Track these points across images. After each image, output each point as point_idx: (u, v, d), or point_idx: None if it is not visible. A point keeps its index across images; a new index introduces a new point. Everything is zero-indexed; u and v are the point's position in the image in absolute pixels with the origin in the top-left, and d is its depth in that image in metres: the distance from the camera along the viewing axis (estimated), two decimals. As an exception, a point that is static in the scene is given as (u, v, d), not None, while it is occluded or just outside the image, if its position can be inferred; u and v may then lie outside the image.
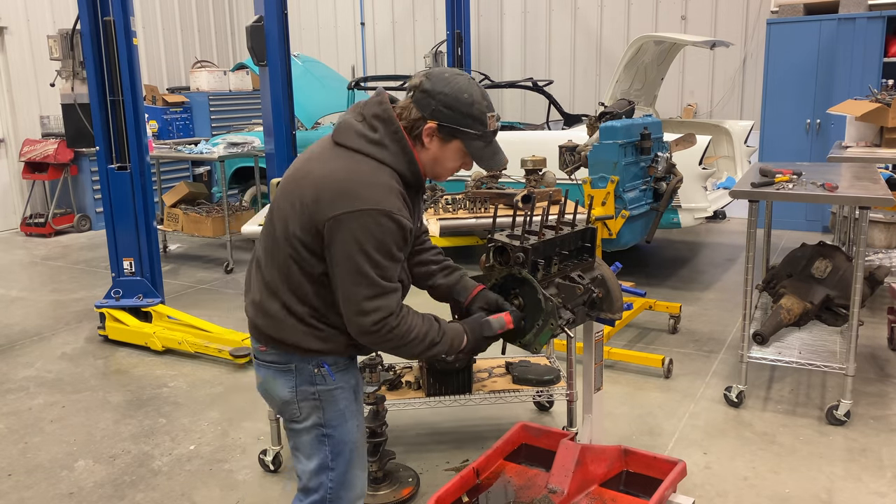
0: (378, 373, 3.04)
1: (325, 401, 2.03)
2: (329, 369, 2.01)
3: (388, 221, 1.83)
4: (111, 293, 4.97)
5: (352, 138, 1.93)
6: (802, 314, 3.89)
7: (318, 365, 2.00)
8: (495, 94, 9.56)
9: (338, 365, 2.04)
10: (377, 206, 1.82)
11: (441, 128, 1.92)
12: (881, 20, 6.65)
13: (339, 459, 2.07)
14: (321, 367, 2.00)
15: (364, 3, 10.71)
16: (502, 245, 2.25)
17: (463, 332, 2.08)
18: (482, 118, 1.94)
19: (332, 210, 1.83)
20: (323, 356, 2.01)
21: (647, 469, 2.68)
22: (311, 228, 1.87)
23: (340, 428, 2.06)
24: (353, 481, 2.11)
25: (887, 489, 3.07)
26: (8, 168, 8.79)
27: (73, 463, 3.47)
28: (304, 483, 2.11)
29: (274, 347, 2.02)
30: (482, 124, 1.94)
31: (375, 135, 1.91)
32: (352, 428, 2.08)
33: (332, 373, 2.02)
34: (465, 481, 2.59)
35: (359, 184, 1.85)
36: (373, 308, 1.86)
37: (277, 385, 2.05)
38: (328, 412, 2.04)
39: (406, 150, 1.93)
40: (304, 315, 1.96)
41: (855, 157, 4.84)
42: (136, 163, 4.80)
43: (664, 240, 7.40)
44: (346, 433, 2.07)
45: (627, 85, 6.78)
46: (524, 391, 3.40)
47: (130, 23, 4.67)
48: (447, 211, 4.20)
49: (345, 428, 2.06)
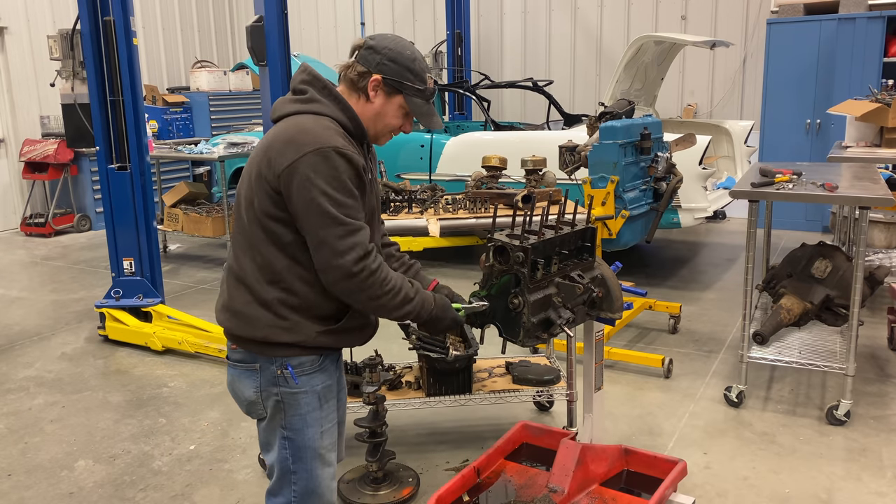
0: (378, 373, 3.04)
1: (287, 403, 2.03)
2: (292, 372, 2.01)
3: (337, 157, 1.88)
4: (111, 293, 4.97)
5: (285, 107, 2.02)
6: (802, 314, 3.89)
7: (282, 367, 2.01)
8: (495, 94, 9.56)
9: (304, 367, 2.03)
10: (323, 145, 1.88)
11: (386, 81, 2.00)
12: (881, 20, 6.65)
13: (300, 464, 2.07)
14: (285, 368, 2.01)
15: (364, 3, 10.71)
16: (502, 245, 2.25)
17: (433, 299, 2.11)
18: (422, 75, 2.04)
19: (282, 163, 1.89)
20: (290, 354, 2.00)
21: (648, 468, 2.68)
22: (270, 193, 1.92)
23: (301, 433, 2.05)
24: (317, 485, 2.10)
25: (887, 489, 3.07)
26: (8, 168, 8.79)
27: (73, 463, 3.47)
28: (270, 486, 2.13)
29: (242, 346, 2.03)
30: (423, 81, 2.04)
31: (305, 96, 2.00)
32: (313, 435, 2.06)
33: (296, 376, 2.01)
34: (465, 480, 2.59)
35: (300, 132, 1.92)
36: (348, 246, 1.88)
37: (243, 385, 2.06)
38: (289, 415, 2.04)
39: (339, 100, 2.00)
40: (273, 302, 1.96)
41: (855, 157, 4.84)
42: (136, 163, 4.80)
43: (664, 240, 7.40)
44: (307, 439, 2.06)
45: (627, 85, 6.79)
46: (524, 391, 3.40)
47: (130, 23, 4.67)
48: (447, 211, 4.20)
49: (305, 434, 2.05)
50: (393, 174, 6.42)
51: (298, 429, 2.05)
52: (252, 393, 2.05)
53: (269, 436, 2.08)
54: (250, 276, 1.98)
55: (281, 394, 2.02)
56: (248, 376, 2.04)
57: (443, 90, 8.11)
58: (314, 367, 2.05)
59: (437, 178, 6.36)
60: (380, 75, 1.99)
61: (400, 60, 2.00)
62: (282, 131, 1.95)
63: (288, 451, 2.06)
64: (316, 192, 1.86)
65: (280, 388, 2.02)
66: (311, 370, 2.04)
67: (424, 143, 6.48)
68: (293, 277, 1.96)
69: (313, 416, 2.06)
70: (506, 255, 2.25)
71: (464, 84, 8.01)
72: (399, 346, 3.38)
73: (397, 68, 2.00)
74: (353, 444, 3.25)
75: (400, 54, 2.00)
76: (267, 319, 1.97)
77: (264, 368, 2.02)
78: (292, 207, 1.90)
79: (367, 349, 2.58)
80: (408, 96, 2.03)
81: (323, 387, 2.08)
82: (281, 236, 1.94)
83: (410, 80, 2.01)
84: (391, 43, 2.01)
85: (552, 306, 2.29)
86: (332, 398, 2.14)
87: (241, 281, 2.01)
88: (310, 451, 2.07)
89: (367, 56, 2.01)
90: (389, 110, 2.05)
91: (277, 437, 2.06)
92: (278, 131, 1.97)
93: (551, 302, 2.29)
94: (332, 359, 2.13)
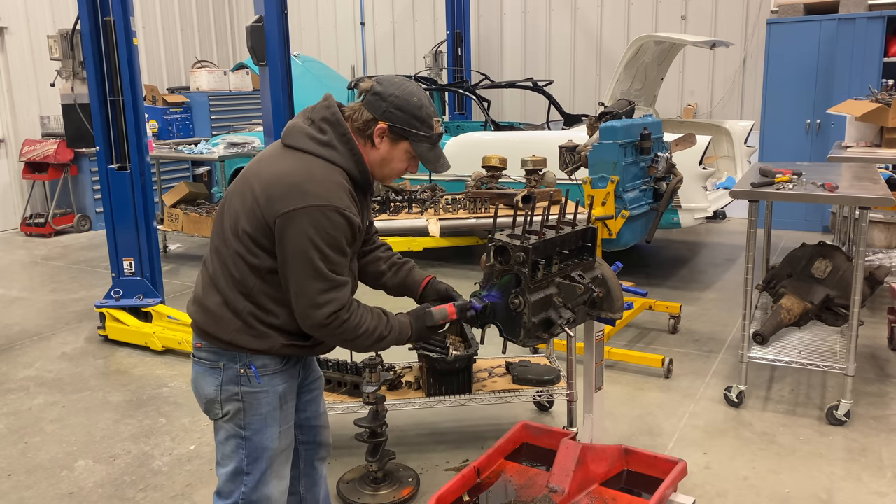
0: (378, 373, 3.04)
1: (248, 403, 2.04)
2: (256, 371, 2.02)
3: (339, 217, 1.90)
4: (111, 293, 4.97)
5: (301, 140, 1.99)
6: (802, 314, 3.89)
7: (246, 366, 2.02)
8: (495, 94, 9.56)
9: (267, 368, 2.04)
10: (328, 203, 1.89)
11: (392, 128, 2.01)
12: (881, 20, 6.65)
13: (254, 465, 2.08)
14: (248, 367, 2.02)
15: (364, 3, 10.71)
16: (503, 245, 2.25)
17: (408, 325, 2.13)
18: (429, 121, 2.04)
19: (283, 207, 1.88)
20: (254, 356, 2.02)
21: (648, 468, 2.68)
22: (261, 225, 1.93)
23: (260, 433, 2.06)
24: (268, 492, 2.11)
25: (887, 489, 3.08)
26: (8, 168, 8.79)
27: (73, 463, 3.47)
28: (218, 486, 2.13)
29: (208, 344, 2.04)
30: (429, 127, 2.04)
31: (324, 136, 1.99)
32: (272, 435, 2.08)
33: (259, 375, 2.03)
34: (466, 480, 2.59)
35: (309, 182, 1.91)
36: (325, 301, 1.91)
37: (205, 382, 2.07)
38: (248, 415, 2.05)
39: (354, 151, 2.00)
40: (243, 312, 1.98)
41: (855, 157, 4.84)
42: (136, 163, 4.80)
43: (664, 240, 7.40)
44: (265, 439, 2.07)
45: (627, 85, 6.79)
46: (524, 391, 3.40)
47: (130, 23, 4.67)
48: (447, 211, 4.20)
49: (264, 434, 2.07)
50: (393, 174, 6.41)
51: (258, 429, 2.06)
52: (212, 391, 2.05)
53: (225, 435, 2.09)
54: (223, 283, 2.00)
55: (242, 393, 2.04)
56: (210, 374, 2.05)
57: (443, 90, 8.11)
58: (277, 369, 2.07)
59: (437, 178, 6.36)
60: (386, 123, 2.00)
61: (406, 108, 2.00)
62: (291, 170, 1.94)
63: (244, 452, 2.07)
64: (309, 246, 1.88)
65: (242, 387, 2.04)
66: (273, 371, 2.06)
67: (424, 143, 6.47)
68: (264, 297, 1.99)
69: (273, 417, 2.08)
70: (506, 255, 2.25)
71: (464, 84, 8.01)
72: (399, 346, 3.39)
73: (403, 116, 2.00)
74: (353, 444, 3.25)
75: (407, 101, 2.00)
76: (236, 325, 1.99)
77: (227, 367, 2.03)
78: (281, 251, 1.92)
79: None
80: (414, 142, 2.03)
81: (284, 387, 2.10)
82: (259, 261, 1.96)
83: (416, 128, 2.02)
84: (398, 90, 2.01)
85: (553, 306, 2.29)
86: (293, 399, 2.16)
87: (213, 282, 2.02)
88: (267, 452, 2.08)
89: (373, 102, 2.01)
90: (395, 156, 2.05)
91: (233, 439, 2.07)
92: (286, 167, 1.95)
93: (552, 302, 2.29)
94: (295, 360, 2.15)
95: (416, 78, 7.31)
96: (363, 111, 2.02)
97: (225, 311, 1.99)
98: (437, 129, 2.06)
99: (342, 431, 3.54)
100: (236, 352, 2.02)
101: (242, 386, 2.03)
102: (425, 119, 2.03)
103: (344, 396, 3.32)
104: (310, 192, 1.89)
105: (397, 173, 2.10)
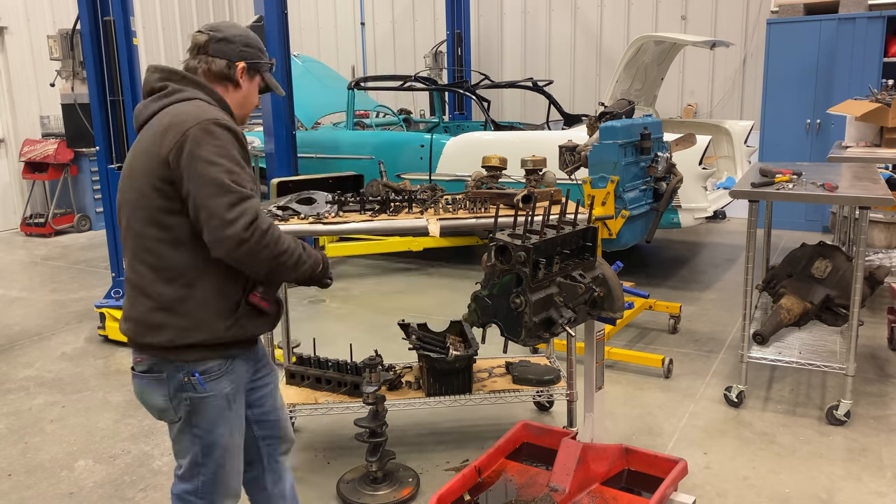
0: (378, 373, 3.04)
1: (196, 406, 2.04)
2: (199, 378, 2.01)
3: (219, 128, 1.92)
4: (111, 293, 4.98)
5: (148, 109, 2.03)
6: (802, 314, 3.89)
7: (189, 374, 2.01)
8: (495, 94, 9.57)
9: (210, 373, 2.03)
10: (203, 118, 1.91)
11: (249, 65, 2.13)
12: (881, 20, 6.65)
13: (208, 459, 2.10)
14: (191, 375, 2.01)
15: (364, 3, 10.72)
16: (504, 244, 2.25)
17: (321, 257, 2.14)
18: (266, 51, 2.22)
19: (166, 144, 1.90)
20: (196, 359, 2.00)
21: (649, 468, 2.69)
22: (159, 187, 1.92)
23: (211, 433, 2.07)
24: (224, 481, 2.14)
25: (887, 489, 3.08)
26: (8, 168, 8.79)
27: (73, 463, 3.47)
28: (182, 472, 2.14)
29: (149, 356, 2.02)
30: (267, 55, 2.22)
31: (166, 90, 2.03)
32: (223, 433, 2.09)
33: (204, 382, 2.02)
34: (466, 480, 2.59)
35: (174, 116, 1.95)
36: (237, 214, 1.86)
37: (152, 395, 2.05)
38: (198, 418, 2.05)
39: (201, 84, 2.05)
40: (174, 303, 1.95)
41: (855, 157, 4.84)
42: (136, 163, 4.80)
43: (664, 240, 7.41)
44: (217, 437, 2.08)
45: (627, 85, 6.79)
46: (524, 391, 3.40)
47: (130, 23, 4.67)
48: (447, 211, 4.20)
49: (215, 433, 2.08)
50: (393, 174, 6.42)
51: (209, 429, 2.07)
52: (161, 401, 2.05)
53: (179, 433, 2.09)
54: (147, 280, 1.97)
55: (190, 398, 2.03)
56: (155, 386, 2.04)
57: (443, 90, 8.11)
58: (221, 372, 2.05)
59: (437, 178, 6.36)
60: (243, 62, 2.10)
61: (253, 44, 2.14)
62: (155, 125, 1.96)
63: (198, 448, 2.08)
64: (203, 163, 1.86)
65: (188, 393, 2.03)
66: (217, 374, 2.04)
67: (424, 143, 6.48)
68: (192, 272, 1.96)
69: (223, 417, 2.08)
70: (507, 255, 2.25)
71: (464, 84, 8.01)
72: (399, 346, 3.39)
73: (253, 52, 2.13)
74: (353, 444, 3.25)
75: (249, 37, 2.13)
76: (170, 323, 1.96)
77: (171, 377, 2.01)
78: (184, 187, 1.89)
79: (367, 349, 2.58)
80: (265, 73, 2.18)
81: (231, 389, 2.09)
82: (177, 231, 1.94)
83: (265, 59, 2.17)
84: (237, 31, 2.12)
85: (554, 306, 2.29)
86: (241, 397, 2.15)
87: (138, 288, 1.99)
88: (219, 449, 2.10)
89: (223, 48, 2.08)
90: (252, 90, 2.16)
91: (188, 435, 2.08)
92: (152, 128, 1.96)
93: (553, 301, 2.29)
94: (243, 358, 2.13)
95: (415, 78, 7.31)
96: (214, 60, 2.07)
97: (154, 315, 1.96)
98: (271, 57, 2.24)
99: (342, 431, 3.54)
100: (175, 356, 1.99)
101: (188, 392, 2.03)
102: (265, 49, 2.19)
103: (344, 396, 3.32)
104: (181, 121, 1.91)
105: (252, 109, 2.21)
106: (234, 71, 2.09)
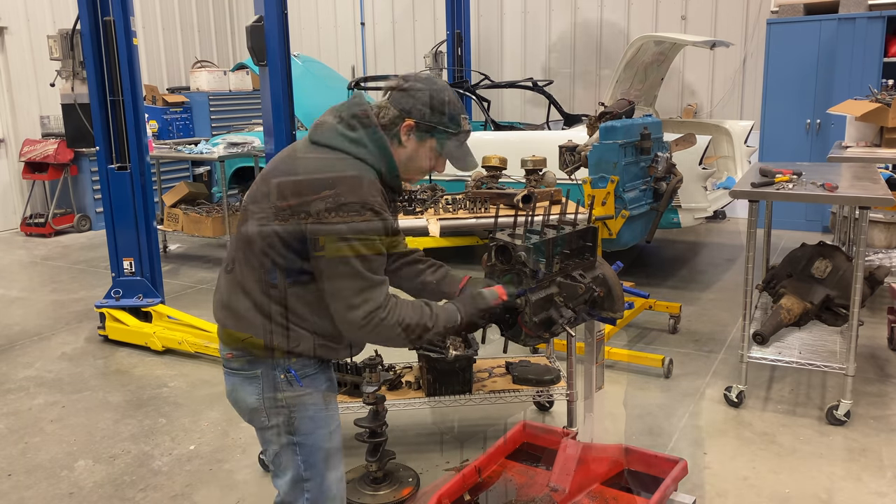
0: (378, 373, 3.04)
1: (293, 408, 1.99)
2: (296, 375, 1.98)
3: (373, 216, 1.86)
4: (111, 293, 4.97)
5: (331, 137, 1.94)
6: (802, 314, 3.89)
7: (285, 370, 1.97)
8: (495, 94, 9.56)
9: (306, 370, 2.00)
10: (361, 201, 1.84)
11: (419, 125, 1.97)
12: (881, 20, 6.65)
13: (313, 470, 2.03)
14: (288, 372, 1.97)
15: (364, 3, 10.71)
16: (504, 244, 2.25)
17: (456, 310, 2.06)
18: (457, 118, 2.01)
19: (315, 206, 1.84)
20: (290, 359, 1.97)
21: (649, 468, 2.69)
22: (292, 225, 1.87)
23: (311, 436, 2.02)
24: (330, 489, 2.08)
25: (887, 489, 3.08)
26: (8, 168, 8.79)
27: (73, 463, 3.47)
28: (280, 497, 2.08)
29: (241, 352, 1.99)
30: (457, 124, 2.02)
31: (355, 134, 1.94)
32: (323, 435, 2.04)
33: (300, 378, 1.98)
34: (466, 480, 2.59)
35: (341, 181, 1.86)
36: (361, 301, 1.86)
37: (244, 393, 2.01)
38: (297, 420, 2.00)
39: (385, 150, 1.96)
40: (275, 315, 1.93)
41: (855, 157, 4.84)
42: (136, 163, 4.80)
43: (664, 240, 7.41)
44: (318, 440, 2.03)
45: (627, 85, 6.78)
46: (524, 391, 3.40)
47: (130, 23, 4.67)
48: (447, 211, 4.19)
49: (316, 436, 2.02)
50: (393, 174, 6.41)
51: (308, 432, 2.01)
52: (254, 400, 2.00)
53: (276, 446, 2.03)
54: (251, 286, 1.94)
55: (286, 399, 1.98)
56: (249, 383, 2.00)
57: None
58: (317, 368, 2.03)
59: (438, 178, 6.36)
60: (413, 120, 1.96)
61: (433, 105, 1.97)
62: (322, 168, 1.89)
63: (300, 458, 2.02)
64: (343, 245, 1.83)
65: (284, 392, 1.98)
66: (313, 371, 2.02)
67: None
68: (294, 299, 1.93)
69: (321, 417, 2.04)
70: (507, 255, 2.25)
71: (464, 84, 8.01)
72: (399, 345, 3.39)
73: (430, 113, 1.97)
74: (353, 444, 3.25)
75: (433, 98, 1.97)
76: (268, 327, 1.94)
77: (266, 374, 1.97)
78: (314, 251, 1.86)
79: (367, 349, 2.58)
80: (440, 139, 2.01)
81: (327, 386, 2.07)
82: (288, 261, 1.90)
83: (443, 125, 1.99)
84: (424, 86, 1.98)
85: (554, 306, 2.29)
86: (335, 398, 2.13)
87: (241, 287, 1.96)
88: (321, 453, 2.04)
89: (400, 99, 1.97)
90: (422, 153, 2.02)
91: (285, 447, 2.02)
92: (317, 166, 1.91)
93: (553, 301, 2.29)
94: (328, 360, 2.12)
95: (416, 78, 7.29)
96: (389, 108, 1.97)
97: (254, 315, 1.94)
98: (464, 126, 2.03)
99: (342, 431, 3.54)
100: (272, 357, 1.96)
101: (285, 391, 1.98)
102: (453, 116, 2.00)
103: (344, 396, 3.32)
104: (343, 191, 1.83)
105: (423, 172, 2.07)
106: (399, 126, 1.97)
